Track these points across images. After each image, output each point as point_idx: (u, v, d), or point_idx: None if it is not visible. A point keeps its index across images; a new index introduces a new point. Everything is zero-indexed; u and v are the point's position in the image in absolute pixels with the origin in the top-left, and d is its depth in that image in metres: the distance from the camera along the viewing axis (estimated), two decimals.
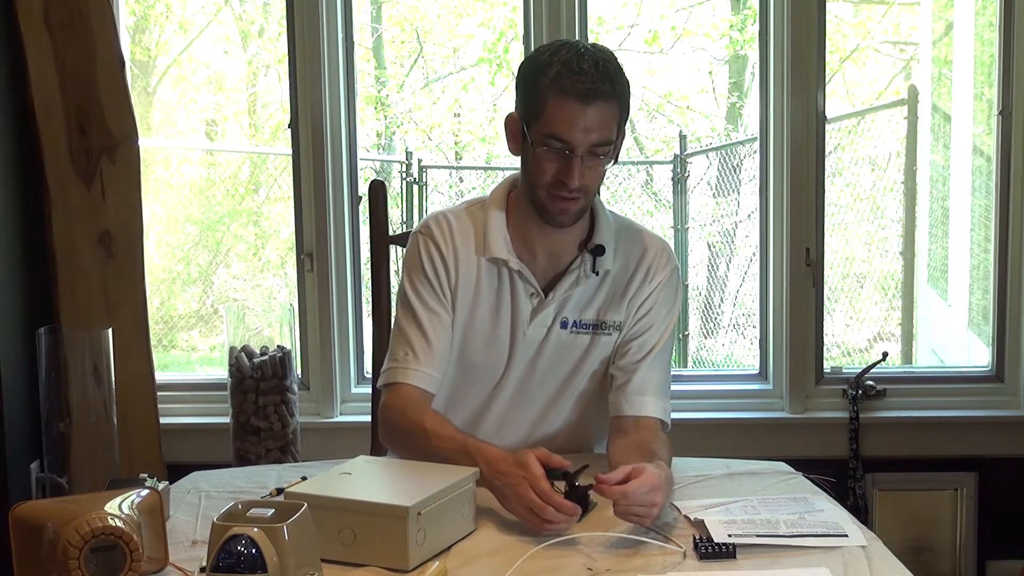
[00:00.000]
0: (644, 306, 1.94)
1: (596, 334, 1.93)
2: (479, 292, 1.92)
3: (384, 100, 6.79)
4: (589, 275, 1.91)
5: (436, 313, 1.92)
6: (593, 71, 1.76)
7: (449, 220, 1.95)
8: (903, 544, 3.05)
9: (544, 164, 1.81)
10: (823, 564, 1.47)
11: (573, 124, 1.77)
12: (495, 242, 1.90)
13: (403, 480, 1.64)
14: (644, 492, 1.57)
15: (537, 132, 1.80)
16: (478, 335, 1.93)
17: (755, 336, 3.31)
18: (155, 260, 5.91)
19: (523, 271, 1.90)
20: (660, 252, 1.96)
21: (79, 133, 2.91)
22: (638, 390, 1.90)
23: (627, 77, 1.84)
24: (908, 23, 6.45)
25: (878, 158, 5.30)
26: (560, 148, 1.78)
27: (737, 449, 2.85)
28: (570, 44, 1.83)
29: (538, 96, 1.79)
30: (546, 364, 1.94)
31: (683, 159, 5.33)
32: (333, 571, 1.47)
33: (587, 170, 1.80)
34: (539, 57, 1.83)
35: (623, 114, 1.83)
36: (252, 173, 6.74)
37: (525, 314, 1.91)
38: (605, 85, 1.77)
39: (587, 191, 1.83)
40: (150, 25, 6.42)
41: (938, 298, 4.50)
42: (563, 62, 1.78)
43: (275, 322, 2.87)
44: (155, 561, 1.47)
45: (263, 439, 2.80)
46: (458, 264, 1.92)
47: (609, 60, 1.81)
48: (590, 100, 1.76)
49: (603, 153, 1.80)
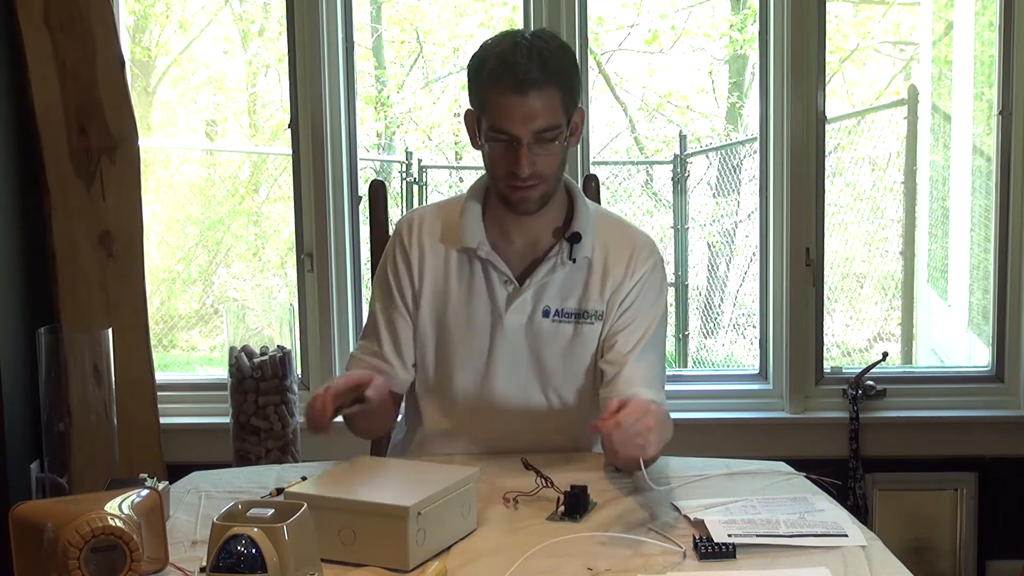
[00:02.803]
0: (628, 299, 1.95)
1: (579, 323, 1.95)
2: (449, 282, 1.96)
3: (384, 100, 6.79)
4: (566, 262, 1.92)
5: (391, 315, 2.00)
6: (526, 61, 1.79)
7: (419, 217, 2.01)
8: (903, 544, 3.05)
9: (496, 156, 1.86)
10: (823, 564, 1.47)
11: (512, 116, 1.81)
12: (467, 232, 1.94)
13: (403, 480, 1.64)
14: (636, 419, 1.60)
15: (485, 126, 1.85)
16: (454, 322, 1.97)
17: (755, 336, 3.31)
18: (155, 260, 5.91)
19: (492, 259, 1.93)
20: (642, 245, 1.98)
21: (79, 133, 2.91)
22: (627, 383, 1.90)
23: (572, 56, 1.87)
24: (908, 23, 6.45)
25: (878, 158, 5.30)
26: (506, 140, 1.83)
27: (737, 449, 2.85)
28: (509, 35, 1.87)
29: (480, 91, 1.85)
30: (532, 353, 1.95)
31: (683, 159, 5.33)
32: (333, 571, 1.47)
33: (537, 157, 1.83)
34: (480, 52, 1.87)
35: (569, 96, 1.85)
36: (252, 173, 6.74)
37: (501, 301, 1.94)
38: (539, 73, 1.80)
39: (543, 177, 1.85)
40: (150, 25, 6.42)
41: (938, 298, 4.50)
42: (498, 55, 1.82)
43: (275, 322, 2.87)
44: (155, 561, 1.47)
45: (263, 439, 2.81)
46: (423, 260, 1.97)
47: (546, 46, 1.83)
48: (525, 90, 1.79)
49: (552, 138, 1.83)
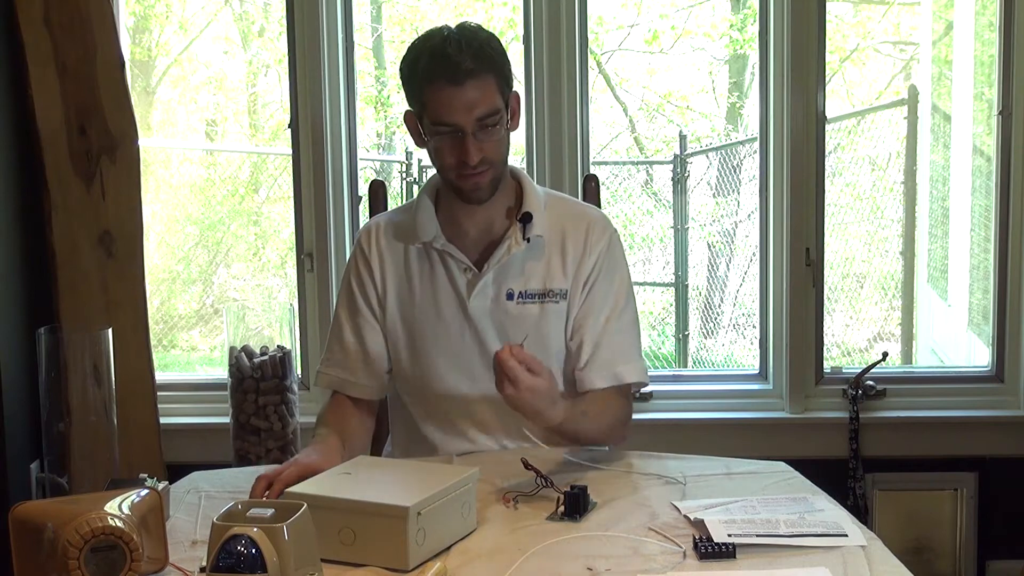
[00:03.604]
0: (591, 277, 2.00)
1: (544, 303, 1.98)
2: (411, 280, 2.01)
3: (384, 100, 6.79)
4: (521, 243, 1.96)
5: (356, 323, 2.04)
6: (457, 52, 1.84)
7: (375, 224, 2.08)
8: (903, 544, 3.05)
9: (442, 150, 1.90)
10: (823, 564, 1.47)
11: (453, 107, 1.85)
12: (421, 227, 2.00)
13: (403, 480, 1.64)
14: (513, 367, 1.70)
15: (427, 123, 1.89)
16: (422, 317, 2.01)
17: (755, 336, 3.31)
18: (155, 260, 5.91)
19: (448, 249, 1.98)
20: (596, 220, 2.04)
21: (79, 133, 2.91)
22: (608, 363, 1.98)
23: (499, 43, 1.91)
24: (908, 23, 6.45)
25: (878, 158, 5.30)
26: (451, 131, 1.87)
27: (737, 449, 2.83)
28: (435, 32, 1.90)
29: (417, 90, 1.89)
30: (500, 336, 1.97)
31: (683, 159, 5.33)
32: (333, 571, 1.47)
33: (483, 143, 1.87)
34: (410, 53, 1.91)
35: (504, 80, 1.90)
36: (252, 173, 6.74)
37: (463, 288, 1.98)
38: (472, 62, 1.84)
39: (492, 162, 1.90)
40: (150, 25, 6.42)
41: (938, 298, 4.50)
42: (429, 52, 1.86)
43: (275, 322, 2.87)
44: (155, 561, 1.47)
45: (263, 439, 2.80)
46: (384, 263, 2.03)
47: (475, 36, 1.87)
48: (461, 80, 1.84)
49: (493, 123, 1.87)
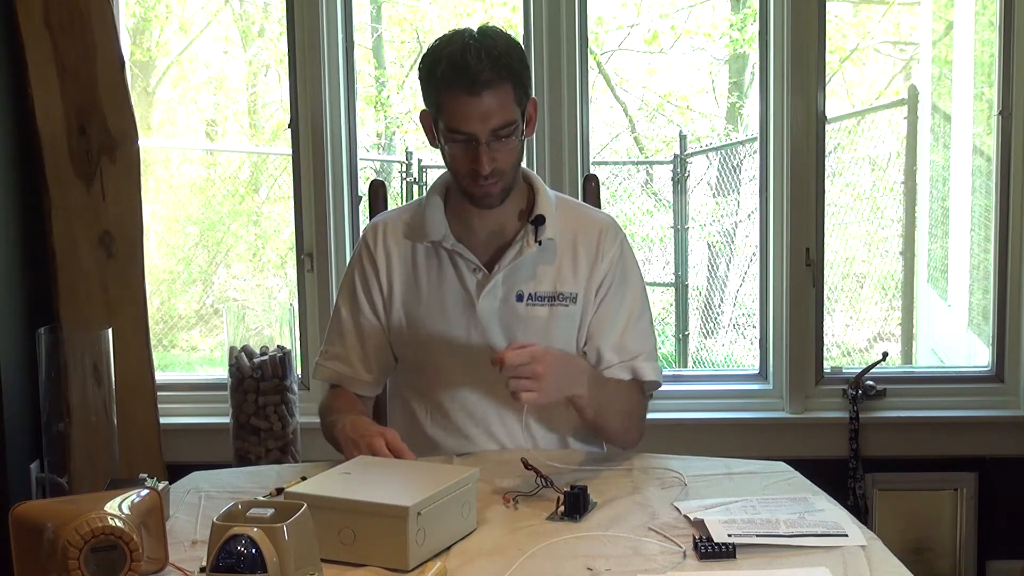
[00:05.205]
0: (605, 283, 1.99)
1: (552, 305, 1.97)
2: (418, 278, 2.00)
3: (384, 100, 6.79)
4: (532, 245, 1.95)
5: (358, 321, 2.03)
6: (476, 62, 1.81)
7: (382, 222, 2.06)
8: (903, 544, 3.05)
9: (456, 156, 1.88)
10: (823, 564, 1.47)
11: (469, 117, 1.83)
12: (431, 226, 1.98)
13: (403, 480, 1.64)
14: (522, 362, 1.70)
15: (442, 127, 1.88)
16: (428, 315, 1.99)
17: (755, 336, 3.31)
18: (155, 260, 5.91)
19: (458, 249, 1.97)
20: (607, 226, 2.03)
21: (79, 133, 2.91)
22: (629, 365, 1.98)
23: (520, 50, 1.89)
24: (908, 23, 6.45)
25: (878, 158, 5.30)
26: (465, 140, 1.85)
27: (737, 449, 2.84)
28: (457, 36, 1.88)
29: (434, 94, 1.88)
30: (507, 337, 1.96)
31: (683, 159, 5.33)
32: (333, 571, 1.47)
33: (496, 153, 1.86)
34: (430, 55, 1.89)
35: (520, 91, 1.88)
36: (252, 173, 6.74)
37: (472, 288, 1.97)
38: (490, 73, 1.82)
39: (503, 172, 1.89)
40: (150, 25, 6.42)
41: (938, 298, 4.49)
42: (448, 58, 1.84)
43: (275, 322, 2.86)
44: (155, 561, 1.47)
45: (263, 439, 2.80)
46: (390, 261, 2.01)
47: (495, 45, 1.84)
48: (478, 91, 1.81)
49: (508, 134, 1.86)
